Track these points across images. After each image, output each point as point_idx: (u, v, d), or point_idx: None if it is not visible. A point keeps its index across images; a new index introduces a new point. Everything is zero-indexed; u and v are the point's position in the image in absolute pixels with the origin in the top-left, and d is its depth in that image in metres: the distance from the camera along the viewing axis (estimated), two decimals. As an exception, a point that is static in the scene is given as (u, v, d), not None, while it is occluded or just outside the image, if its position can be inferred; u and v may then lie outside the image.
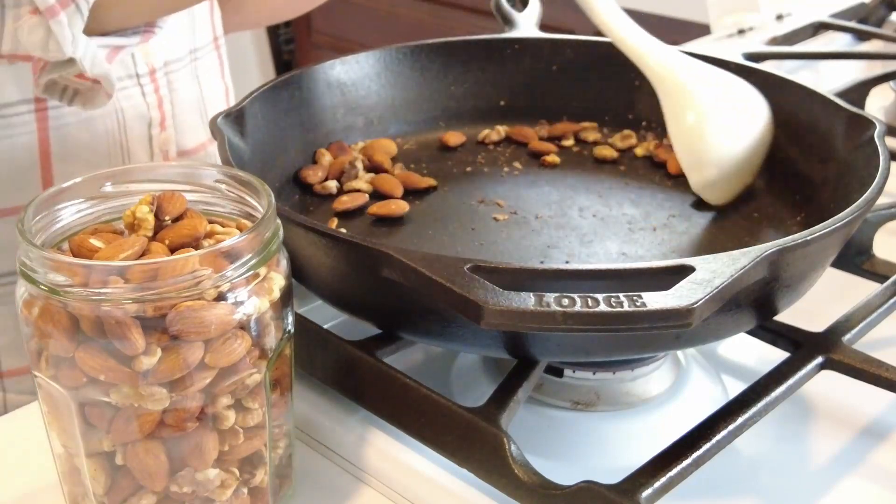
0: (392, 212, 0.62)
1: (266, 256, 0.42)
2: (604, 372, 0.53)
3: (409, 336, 0.51)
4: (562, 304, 0.40)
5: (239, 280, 0.41)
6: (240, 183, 0.46)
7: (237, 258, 0.40)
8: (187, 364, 0.40)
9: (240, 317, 0.41)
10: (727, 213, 0.63)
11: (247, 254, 0.41)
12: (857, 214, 0.49)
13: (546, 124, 0.73)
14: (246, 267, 0.41)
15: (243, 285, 0.41)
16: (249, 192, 0.45)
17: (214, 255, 0.40)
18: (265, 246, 0.42)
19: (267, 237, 0.42)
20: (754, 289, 0.46)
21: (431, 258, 0.43)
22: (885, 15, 1.18)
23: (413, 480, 0.48)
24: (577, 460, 0.51)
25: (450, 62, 0.73)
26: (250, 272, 0.41)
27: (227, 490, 0.43)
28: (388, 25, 2.22)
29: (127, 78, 0.73)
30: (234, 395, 0.42)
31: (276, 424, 0.45)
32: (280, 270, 0.44)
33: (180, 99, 0.78)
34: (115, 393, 0.40)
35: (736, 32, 1.12)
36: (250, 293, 0.41)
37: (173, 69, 0.77)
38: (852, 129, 0.60)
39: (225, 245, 0.40)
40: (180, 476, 0.42)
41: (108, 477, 0.42)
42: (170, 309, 0.39)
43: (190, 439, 0.42)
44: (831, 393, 0.56)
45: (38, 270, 0.39)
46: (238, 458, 0.44)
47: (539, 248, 0.59)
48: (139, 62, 0.73)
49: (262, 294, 0.42)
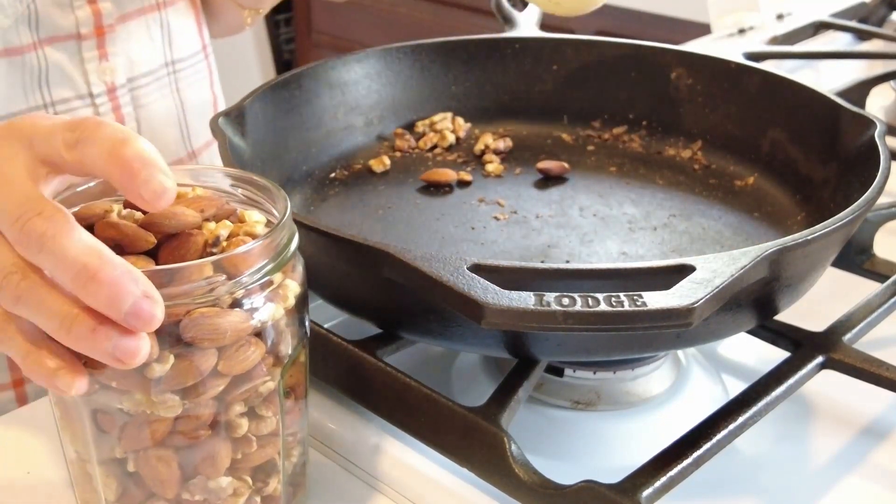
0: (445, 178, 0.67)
1: (281, 262, 0.41)
2: (604, 371, 0.53)
3: (410, 336, 0.51)
4: (562, 304, 0.40)
5: (254, 286, 0.40)
6: (255, 187, 0.45)
7: (252, 264, 0.40)
8: (200, 371, 0.39)
9: (254, 323, 0.40)
10: (727, 213, 0.63)
11: (262, 260, 0.40)
12: (858, 214, 0.49)
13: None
14: (261, 273, 0.40)
15: (258, 292, 0.40)
16: (265, 197, 0.45)
17: (229, 260, 0.39)
18: (280, 251, 0.41)
19: (282, 243, 0.42)
20: (755, 288, 0.46)
21: (431, 257, 0.43)
22: (885, 14, 1.18)
23: (413, 479, 0.48)
24: (577, 460, 0.51)
25: (450, 62, 0.73)
26: (265, 278, 0.41)
27: (239, 498, 0.43)
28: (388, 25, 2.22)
29: (76, 99, 0.71)
30: (248, 402, 0.42)
31: (290, 432, 0.45)
32: (296, 277, 0.43)
33: (151, 114, 0.76)
34: (126, 400, 0.40)
35: (736, 32, 1.12)
36: (265, 299, 0.41)
37: (140, 84, 0.75)
38: (853, 128, 0.60)
39: (240, 251, 0.40)
40: (192, 484, 0.42)
41: (120, 484, 0.42)
42: (183, 315, 0.39)
43: (202, 447, 0.41)
44: (831, 393, 0.56)
45: None
46: (251, 466, 0.43)
47: (539, 247, 0.59)
48: (94, 81, 0.71)
49: (277, 300, 0.41)
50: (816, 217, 0.59)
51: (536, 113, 0.74)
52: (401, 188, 0.66)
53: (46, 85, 0.69)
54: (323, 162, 0.68)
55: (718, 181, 0.67)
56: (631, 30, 1.49)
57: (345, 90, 0.70)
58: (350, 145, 0.70)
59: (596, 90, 0.74)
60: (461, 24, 2.01)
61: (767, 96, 0.66)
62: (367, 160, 0.69)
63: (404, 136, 0.71)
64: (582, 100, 0.74)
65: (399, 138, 0.71)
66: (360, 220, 0.63)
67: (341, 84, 0.70)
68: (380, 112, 0.72)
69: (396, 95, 0.72)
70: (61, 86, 0.70)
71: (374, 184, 0.67)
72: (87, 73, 0.71)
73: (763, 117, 0.67)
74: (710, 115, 0.70)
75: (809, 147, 0.64)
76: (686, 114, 0.71)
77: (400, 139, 0.71)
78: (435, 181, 0.66)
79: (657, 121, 0.72)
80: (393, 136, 0.71)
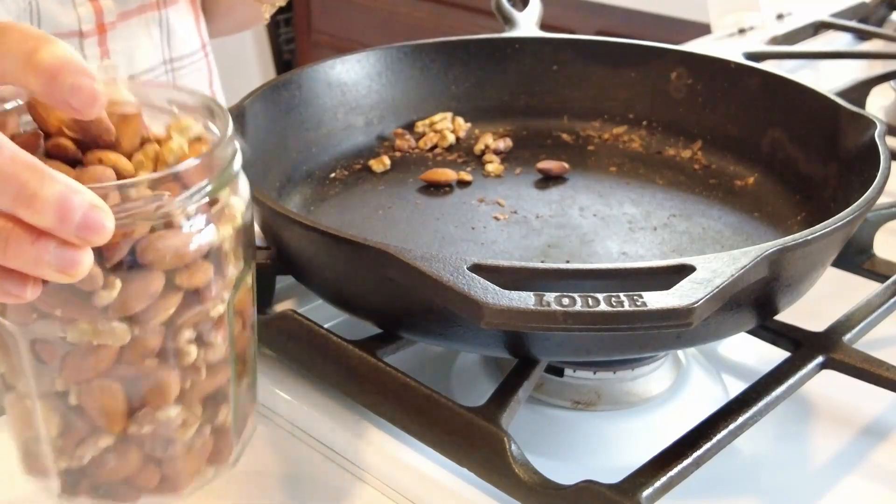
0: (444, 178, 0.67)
1: (227, 179, 0.39)
2: (604, 371, 0.53)
3: (410, 336, 0.51)
4: (562, 304, 0.40)
5: (202, 204, 0.38)
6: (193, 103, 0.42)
7: (199, 179, 0.38)
8: (149, 296, 0.37)
9: (202, 244, 0.38)
10: (727, 213, 0.63)
11: (207, 175, 0.38)
12: (858, 214, 0.49)
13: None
14: (205, 192, 0.38)
15: (206, 210, 0.38)
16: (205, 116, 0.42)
17: (169, 178, 0.37)
18: (225, 168, 0.39)
19: (227, 158, 0.39)
20: (755, 288, 0.46)
21: (431, 257, 0.43)
22: (885, 14, 1.17)
23: (413, 479, 0.48)
24: (577, 460, 0.51)
25: (450, 62, 0.73)
26: (209, 197, 0.38)
27: (189, 429, 0.41)
28: (388, 25, 2.22)
29: None
30: (196, 328, 0.40)
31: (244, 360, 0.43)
32: (241, 196, 0.41)
33: None
34: (71, 330, 0.37)
35: (736, 32, 1.12)
36: (211, 219, 0.39)
37: None
38: (853, 128, 0.60)
39: (181, 167, 0.37)
40: (139, 415, 0.39)
41: (62, 418, 0.40)
42: (122, 238, 0.36)
43: (150, 377, 0.39)
44: (831, 393, 0.56)
45: None
46: (201, 395, 0.41)
47: (539, 247, 0.59)
48: None
49: (225, 221, 0.39)
50: (816, 217, 0.59)
51: (536, 113, 0.74)
52: (401, 188, 0.66)
53: None
54: (323, 162, 0.68)
55: (718, 181, 0.67)
56: (631, 30, 1.49)
57: (345, 90, 0.70)
58: (350, 145, 0.70)
59: (596, 90, 0.74)
60: (461, 24, 2.01)
61: (767, 96, 0.66)
62: (367, 160, 0.69)
63: (404, 136, 0.71)
64: (582, 100, 0.74)
65: (399, 138, 0.71)
66: (360, 220, 0.63)
67: (341, 84, 0.70)
68: (380, 112, 0.72)
69: (396, 95, 0.72)
70: None
71: (374, 184, 0.67)
72: None
73: (763, 117, 0.67)
74: (710, 115, 0.70)
75: (809, 147, 0.64)
76: (686, 114, 0.71)
77: (400, 139, 0.71)
78: (435, 181, 0.66)
79: (657, 121, 0.72)
80: (393, 136, 0.71)
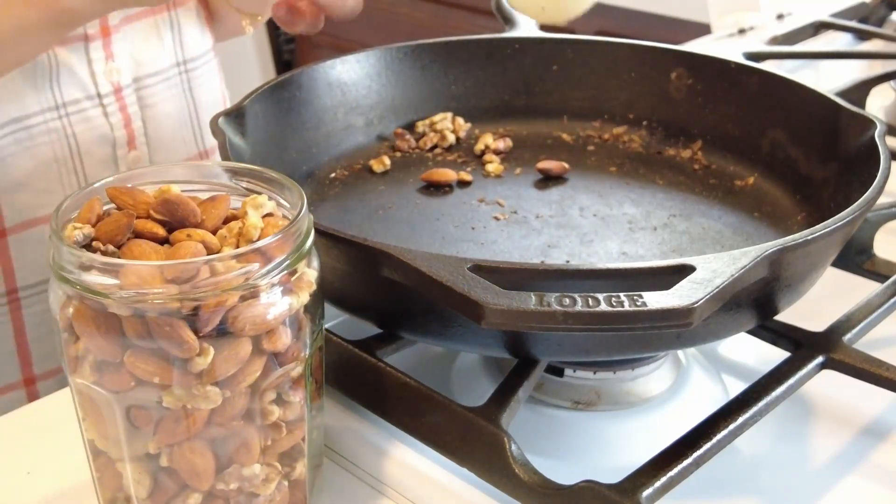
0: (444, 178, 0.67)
1: (302, 253, 0.42)
2: (604, 371, 0.53)
3: (410, 336, 0.51)
4: (562, 304, 0.40)
5: (283, 274, 0.41)
6: (266, 181, 0.46)
7: (275, 256, 0.41)
8: (239, 360, 0.40)
9: (283, 310, 0.41)
10: (727, 213, 0.63)
11: (285, 251, 0.41)
12: (858, 214, 0.49)
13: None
14: (285, 265, 0.41)
15: (285, 281, 0.41)
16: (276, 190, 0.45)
17: (254, 252, 0.40)
18: (301, 242, 0.42)
19: (301, 232, 0.42)
20: (755, 288, 0.46)
21: (431, 258, 0.43)
22: (885, 14, 1.17)
23: (413, 479, 0.48)
24: (577, 460, 0.51)
25: (450, 62, 0.73)
26: (289, 269, 0.41)
27: (270, 484, 0.44)
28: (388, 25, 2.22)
29: (86, 100, 0.72)
30: (278, 389, 0.43)
31: (312, 416, 0.46)
32: (313, 266, 0.44)
33: (159, 114, 0.76)
34: (167, 395, 0.40)
35: (736, 32, 1.12)
36: (289, 289, 0.42)
37: (148, 84, 0.75)
38: (853, 128, 0.60)
39: (265, 242, 0.40)
40: (227, 473, 0.42)
41: (153, 479, 0.42)
42: (215, 307, 0.39)
43: (237, 436, 0.42)
44: (831, 393, 0.56)
45: (73, 271, 0.39)
46: (279, 451, 0.44)
47: (539, 247, 0.59)
48: (101, 82, 0.72)
49: (301, 289, 0.42)
50: (816, 217, 0.59)
51: (536, 113, 0.74)
52: (401, 188, 0.66)
53: (57, 85, 0.70)
54: (323, 162, 0.68)
55: (718, 181, 0.67)
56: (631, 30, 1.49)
57: (345, 90, 0.70)
58: (350, 145, 0.70)
59: (596, 90, 0.74)
60: (461, 24, 2.01)
61: (767, 96, 0.66)
62: (367, 160, 0.69)
63: (404, 136, 0.71)
64: (582, 100, 0.74)
65: (399, 138, 0.71)
66: (360, 220, 0.63)
67: (341, 84, 0.70)
68: (380, 112, 0.72)
69: (396, 95, 0.72)
70: (71, 86, 0.71)
71: (374, 184, 0.67)
72: (94, 73, 0.72)
73: (763, 117, 0.67)
74: (710, 115, 0.70)
75: (809, 147, 0.64)
76: (686, 114, 0.71)
77: (400, 139, 0.71)
78: (435, 181, 0.66)
79: (657, 121, 0.72)
80: (393, 136, 0.71)
